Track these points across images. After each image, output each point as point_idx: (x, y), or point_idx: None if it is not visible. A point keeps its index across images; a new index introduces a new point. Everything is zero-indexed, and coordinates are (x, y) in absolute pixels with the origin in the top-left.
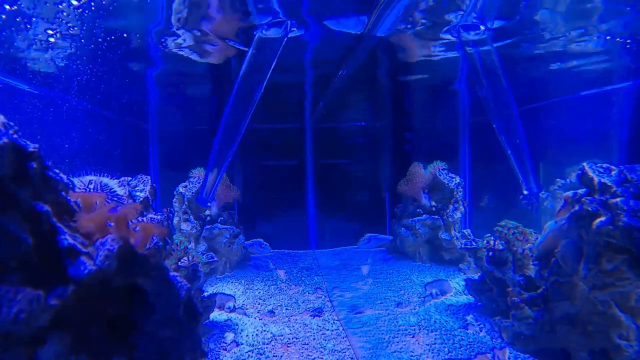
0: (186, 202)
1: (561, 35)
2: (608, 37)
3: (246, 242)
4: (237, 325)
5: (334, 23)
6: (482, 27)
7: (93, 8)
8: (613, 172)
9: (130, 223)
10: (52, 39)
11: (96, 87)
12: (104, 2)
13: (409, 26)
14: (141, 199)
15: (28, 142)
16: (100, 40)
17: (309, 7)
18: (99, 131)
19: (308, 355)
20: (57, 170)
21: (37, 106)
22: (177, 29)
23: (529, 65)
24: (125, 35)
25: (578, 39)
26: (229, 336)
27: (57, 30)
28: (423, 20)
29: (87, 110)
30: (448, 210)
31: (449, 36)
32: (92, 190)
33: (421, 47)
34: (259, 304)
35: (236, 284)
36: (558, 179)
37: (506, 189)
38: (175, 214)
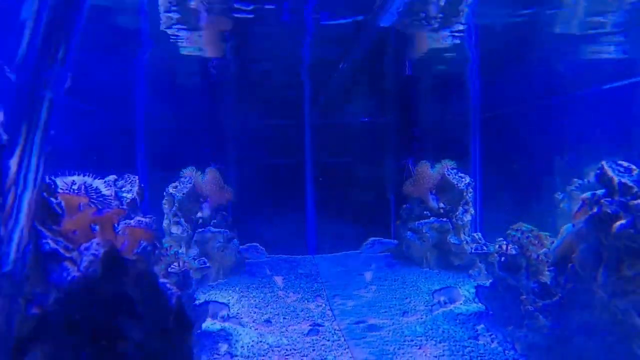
0: (176, 204)
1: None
2: None
3: (241, 247)
4: (231, 335)
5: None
6: None
7: None
8: (634, 172)
9: (116, 226)
10: None
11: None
12: None
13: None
14: (128, 200)
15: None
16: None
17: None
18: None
19: None
20: None
21: None
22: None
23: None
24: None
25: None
26: (223, 347)
27: None
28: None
29: (68, 105)
30: (457, 213)
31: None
32: (76, 192)
33: (430, 37)
34: (255, 312)
35: (230, 291)
36: (575, 179)
37: (520, 190)
38: (165, 216)
